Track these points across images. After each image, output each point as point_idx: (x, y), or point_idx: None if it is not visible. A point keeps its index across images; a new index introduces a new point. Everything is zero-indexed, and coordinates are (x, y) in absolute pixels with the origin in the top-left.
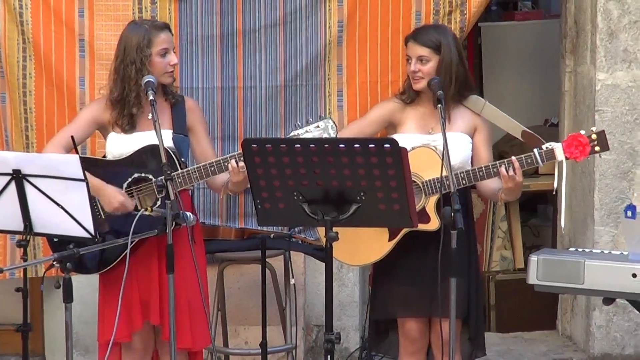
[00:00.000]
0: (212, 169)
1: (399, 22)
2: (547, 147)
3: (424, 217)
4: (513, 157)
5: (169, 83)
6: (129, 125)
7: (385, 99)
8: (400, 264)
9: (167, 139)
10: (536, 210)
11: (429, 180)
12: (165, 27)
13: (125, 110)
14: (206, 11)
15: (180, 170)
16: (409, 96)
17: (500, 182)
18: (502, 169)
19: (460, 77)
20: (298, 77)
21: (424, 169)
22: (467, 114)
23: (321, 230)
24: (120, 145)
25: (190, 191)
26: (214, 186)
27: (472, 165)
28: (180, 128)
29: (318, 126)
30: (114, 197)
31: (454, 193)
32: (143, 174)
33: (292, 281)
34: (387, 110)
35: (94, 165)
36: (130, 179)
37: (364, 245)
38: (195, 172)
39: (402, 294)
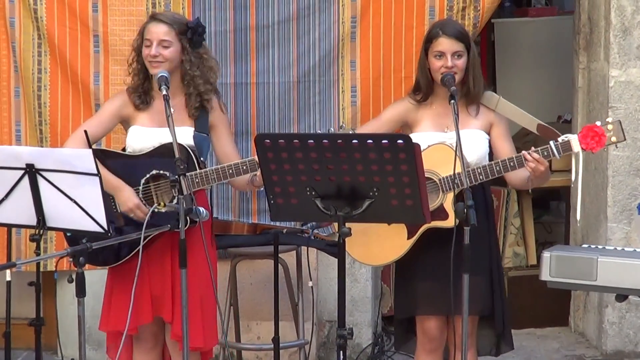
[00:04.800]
0: (230, 172)
1: (413, 18)
2: (563, 139)
3: (441, 214)
4: (524, 152)
5: (154, 74)
6: (142, 102)
7: (399, 99)
8: (420, 262)
9: (188, 136)
10: (549, 207)
11: (446, 177)
12: (154, 18)
13: (139, 88)
14: (219, 6)
15: (198, 171)
16: (424, 95)
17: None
18: (528, 159)
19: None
20: (311, 73)
21: (440, 165)
22: (482, 110)
23: (335, 226)
24: (141, 139)
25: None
26: (237, 185)
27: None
28: (202, 126)
29: None
30: (130, 199)
31: (467, 189)
32: (161, 171)
33: (310, 283)
34: (401, 110)
35: (114, 158)
36: (148, 176)
37: (382, 245)
38: (213, 173)
39: (421, 292)
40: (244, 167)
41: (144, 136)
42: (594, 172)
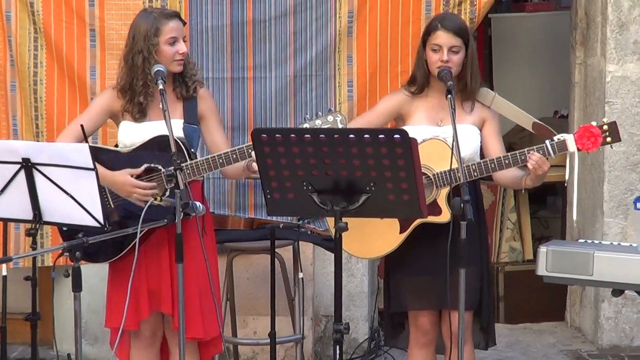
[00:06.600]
0: (221, 161)
1: (409, 13)
2: (558, 139)
3: (435, 209)
4: (527, 149)
5: (178, 72)
6: (140, 113)
7: (394, 90)
8: (412, 257)
9: (178, 128)
10: (545, 202)
11: (440, 172)
12: (175, 15)
13: (135, 99)
14: (216, 1)
15: (189, 162)
16: (419, 87)
17: (520, 169)
18: (531, 158)
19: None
20: (308, 68)
21: (434, 160)
22: (476, 106)
23: (330, 221)
24: (131, 134)
25: (200, 181)
26: (231, 174)
27: (481, 157)
28: (192, 118)
29: (327, 120)
30: (126, 183)
31: (464, 184)
32: (153, 164)
33: (300, 275)
34: (396, 101)
35: (105, 155)
36: (140, 169)
37: (375, 238)
38: (203, 163)
39: (414, 286)
40: (234, 156)
41: (134, 131)
42: (590, 167)
